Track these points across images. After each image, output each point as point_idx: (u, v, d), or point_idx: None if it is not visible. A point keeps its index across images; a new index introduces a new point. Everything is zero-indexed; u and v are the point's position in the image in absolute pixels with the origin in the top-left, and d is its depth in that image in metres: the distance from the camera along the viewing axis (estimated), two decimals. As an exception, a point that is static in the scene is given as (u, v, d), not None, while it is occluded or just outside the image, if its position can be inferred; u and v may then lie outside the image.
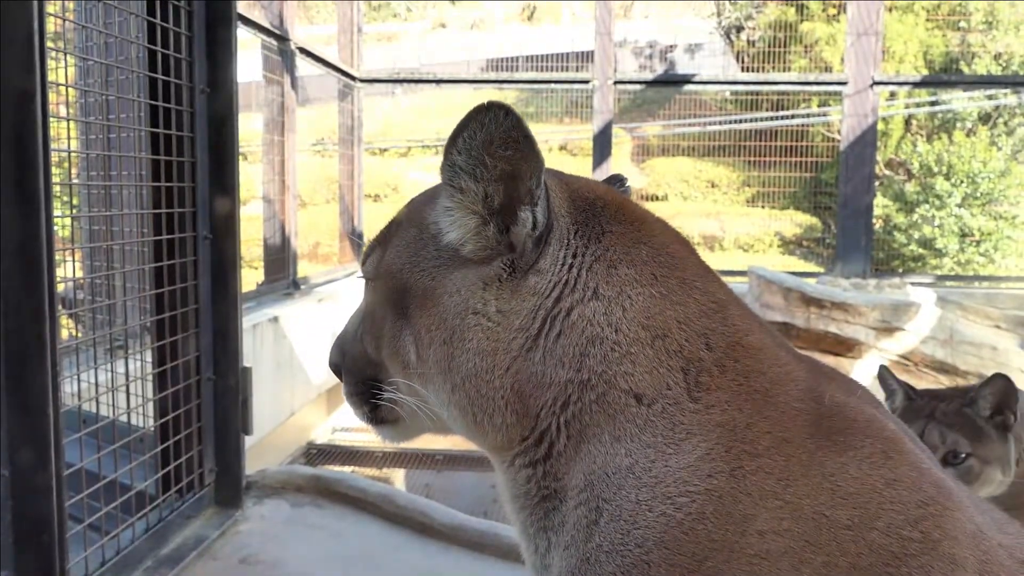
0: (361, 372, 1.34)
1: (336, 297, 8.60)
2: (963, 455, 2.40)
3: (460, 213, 1.19)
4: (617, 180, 1.47)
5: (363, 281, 1.37)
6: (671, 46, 20.37)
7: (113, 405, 3.06)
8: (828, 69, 14.86)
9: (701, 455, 1.06)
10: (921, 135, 15.57)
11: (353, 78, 10.55)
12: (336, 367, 1.41)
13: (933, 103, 14.79)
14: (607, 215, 1.21)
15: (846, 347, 7.77)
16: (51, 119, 2.37)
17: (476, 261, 1.18)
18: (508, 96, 19.56)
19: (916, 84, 12.79)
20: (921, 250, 13.29)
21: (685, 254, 1.23)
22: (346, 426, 7.83)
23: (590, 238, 1.18)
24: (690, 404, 1.10)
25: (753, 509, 1.03)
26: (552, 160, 1.44)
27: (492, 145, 1.13)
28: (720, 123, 14.93)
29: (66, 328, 4.39)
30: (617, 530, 1.06)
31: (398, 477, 6.88)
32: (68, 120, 3.59)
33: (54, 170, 2.38)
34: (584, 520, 1.10)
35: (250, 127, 10.74)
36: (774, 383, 1.13)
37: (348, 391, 1.37)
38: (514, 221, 1.16)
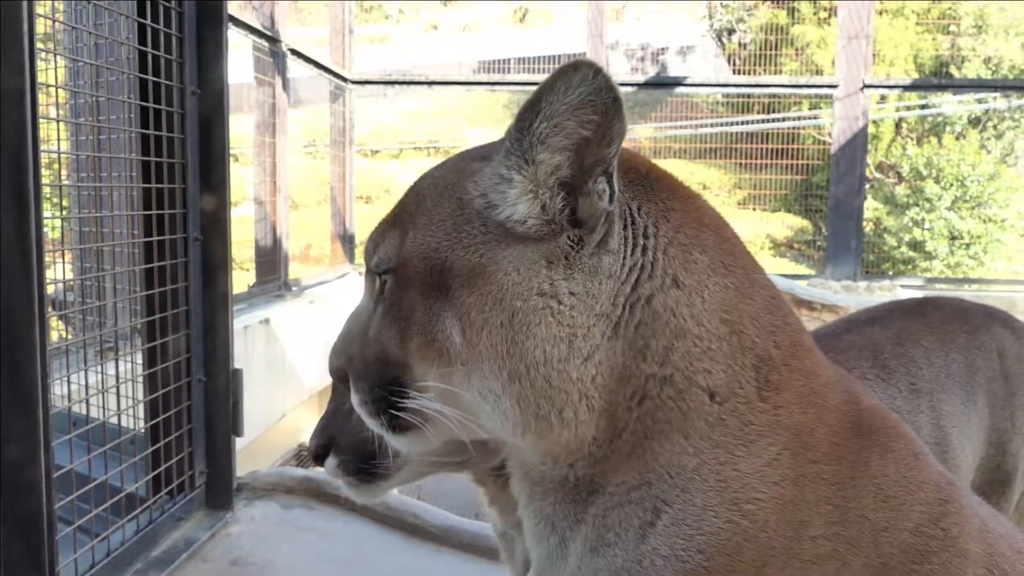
0: (379, 375, 1.17)
1: (327, 299, 8.59)
2: None
3: (526, 186, 1.07)
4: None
5: (368, 277, 1.23)
6: (663, 49, 20.41)
7: (103, 407, 3.05)
8: (819, 72, 14.91)
9: (769, 460, 1.03)
10: (911, 138, 15.64)
11: (345, 80, 10.55)
12: (341, 372, 1.24)
13: (923, 107, 14.87)
14: (664, 189, 1.13)
15: (836, 349, 7.79)
16: (41, 120, 2.36)
17: (535, 238, 1.07)
18: (500, 98, 19.55)
19: (906, 88, 12.86)
20: (911, 253, 13.34)
21: (737, 238, 1.16)
22: (337, 428, 7.81)
23: (658, 217, 1.09)
24: (760, 404, 1.06)
25: (809, 515, 1.02)
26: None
27: (580, 110, 1.01)
28: (711, 126, 14.97)
29: (56, 330, 4.38)
30: (679, 535, 1.02)
31: (389, 479, 6.87)
32: (58, 121, 3.58)
33: (44, 171, 2.37)
34: (636, 520, 1.05)
35: (241, 129, 10.72)
36: (826, 385, 1.11)
37: (362, 399, 1.20)
38: (584, 192, 1.05)
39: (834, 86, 10.69)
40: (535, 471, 1.15)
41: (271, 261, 8.15)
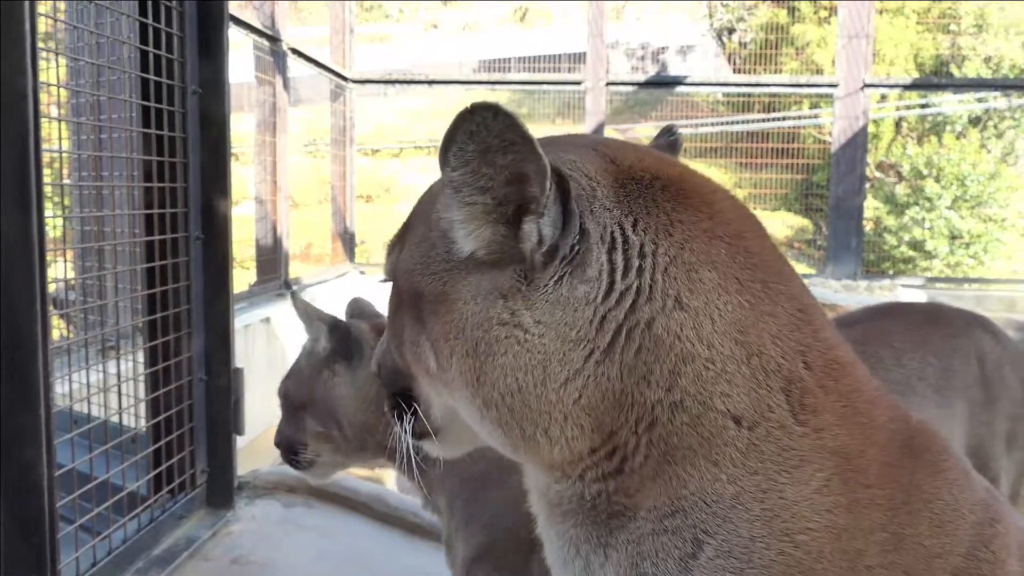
0: (393, 384, 1.23)
1: (328, 298, 8.59)
2: None
3: (468, 225, 1.04)
4: (668, 132, 1.33)
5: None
6: (663, 48, 20.42)
7: (105, 406, 3.06)
8: (819, 71, 14.92)
9: (818, 486, 0.98)
10: (911, 138, 15.64)
11: (345, 79, 10.56)
12: (377, 379, 1.30)
13: (923, 106, 14.87)
14: (670, 198, 1.05)
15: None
16: (42, 119, 2.37)
17: (489, 264, 1.04)
18: (500, 97, 19.53)
19: (907, 87, 12.87)
20: (911, 252, 13.34)
21: (761, 245, 1.08)
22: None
23: (658, 232, 1.02)
24: (798, 428, 1.00)
25: (864, 544, 0.98)
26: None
27: (489, 154, 0.98)
28: (712, 125, 14.98)
29: (57, 328, 4.39)
30: (727, 568, 0.98)
31: (389, 477, 6.87)
32: (60, 120, 3.59)
33: (45, 170, 2.38)
34: (676, 551, 1.01)
35: (242, 128, 10.73)
36: (871, 403, 1.05)
37: (387, 405, 1.25)
38: (519, 230, 1.02)
39: (834, 85, 10.71)
40: (552, 492, 1.12)
41: (272, 260, 8.17)
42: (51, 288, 2.46)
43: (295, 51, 8.47)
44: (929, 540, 0.99)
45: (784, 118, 13.63)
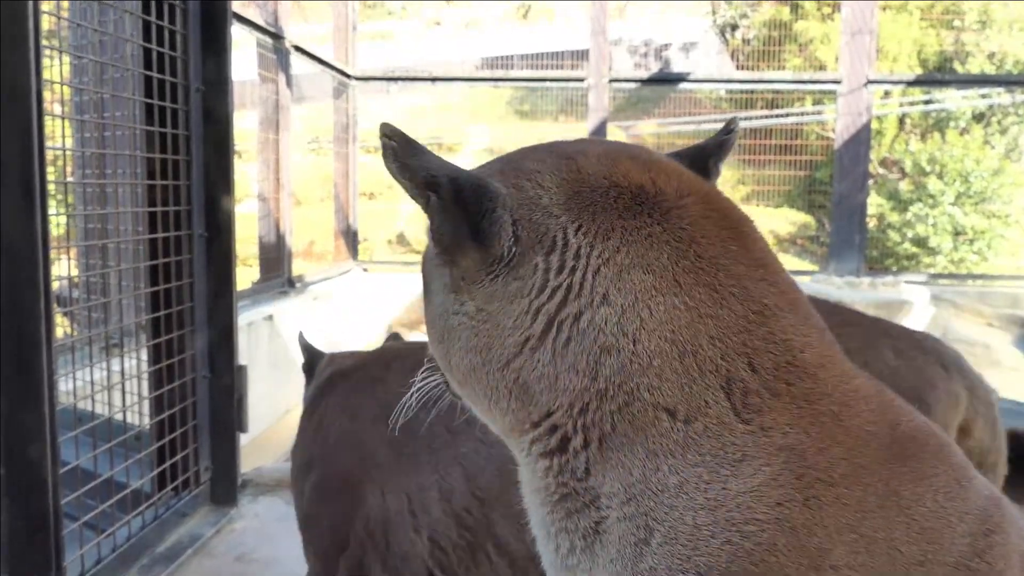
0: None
1: (331, 295, 8.61)
2: None
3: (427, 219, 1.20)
4: (725, 129, 1.36)
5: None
6: (666, 45, 20.40)
7: (108, 403, 3.06)
8: (822, 68, 14.89)
9: (765, 480, 0.98)
10: (915, 134, 15.61)
11: (348, 76, 10.56)
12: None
13: (927, 102, 14.84)
14: (621, 205, 1.10)
15: (840, 345, 7.79)
16: (46, 117, 2.37)
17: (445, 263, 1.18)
18: (503, 94, 19.54)
19: (910, 83, 12.83)
20: (915, 248, 13.32)
21: (719, 250, 1.09)
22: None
23: (596, 236, 1.08)
24: (740, 425, 1.01)
25: (829, 543, 0.96)
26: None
27: (399, 168, 1.12)
28: (715, 121, 14.94)
29: (61, 326, 4.39)
30: (674, 555, 0.99)
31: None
32: (63, 118, 3.59)
33: (49, 168, 2.38)
34: (632, 537, 1.04)
35: (245, 125, 10.73)
36: (843, 405, 1.04)
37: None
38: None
39: (837, 82, 10.69)
40: (523, 469, 1.19)
41: (275, 258, 8.17)
42: (55, 286, 2.46)
43: (298, 48, 8.47)
44: (907, 547, 0.98)
45: (787, 115, 13.61)
